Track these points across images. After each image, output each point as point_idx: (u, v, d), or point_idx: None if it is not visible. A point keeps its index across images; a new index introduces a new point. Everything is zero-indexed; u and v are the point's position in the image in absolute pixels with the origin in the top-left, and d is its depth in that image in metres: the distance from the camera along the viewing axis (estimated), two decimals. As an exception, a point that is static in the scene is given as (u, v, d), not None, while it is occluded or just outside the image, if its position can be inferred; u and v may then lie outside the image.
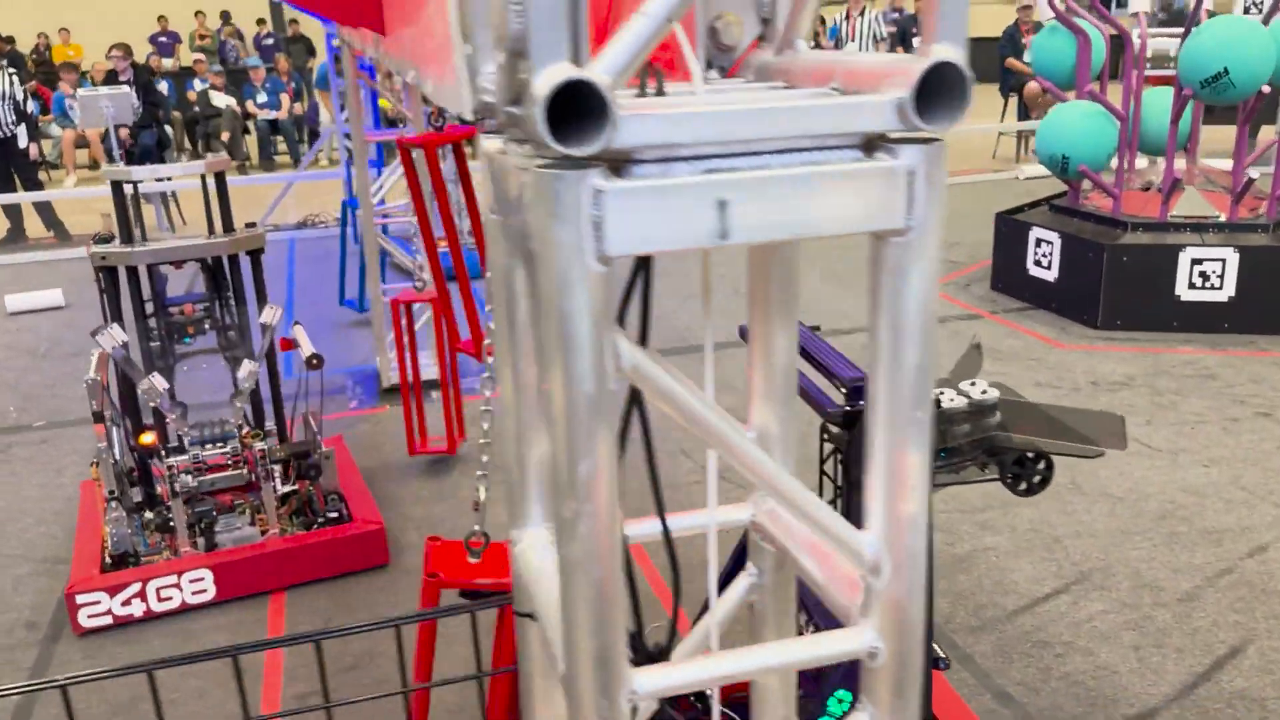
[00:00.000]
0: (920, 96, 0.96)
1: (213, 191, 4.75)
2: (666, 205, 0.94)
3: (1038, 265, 7.58)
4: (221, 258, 4.87)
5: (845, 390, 2.53)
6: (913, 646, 1.15)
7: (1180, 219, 7.02)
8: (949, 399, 2.80)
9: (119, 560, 4.34)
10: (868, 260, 1.06)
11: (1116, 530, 4.47)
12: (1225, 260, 6.75)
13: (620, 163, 0.94)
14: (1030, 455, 2.86)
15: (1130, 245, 6.94)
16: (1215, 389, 6.02)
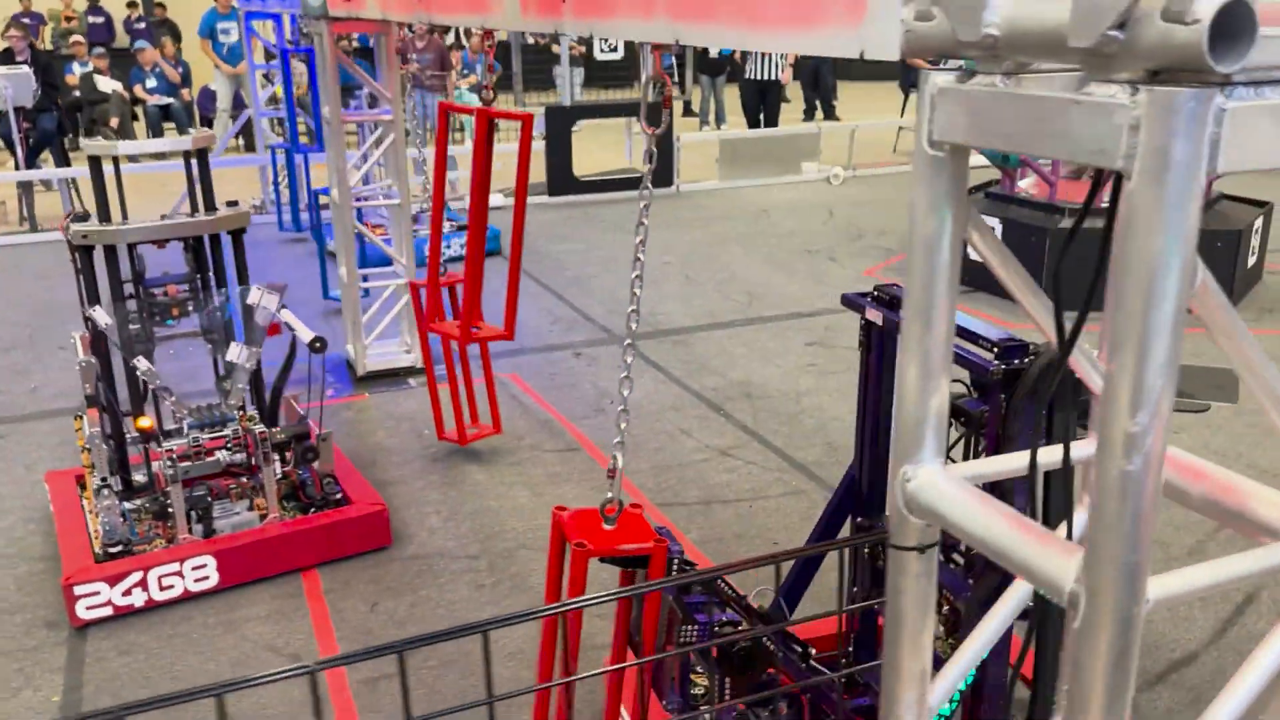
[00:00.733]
0: None
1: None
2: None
3: (977, 251, 7.91)
4: (204, 237, 4.71)
5: (996, 350, 2.67)
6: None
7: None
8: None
9: (113, 550, 4.12)
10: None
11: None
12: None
13: (1226, 83, 0.98)
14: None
15: (1067, 230, 7.31)
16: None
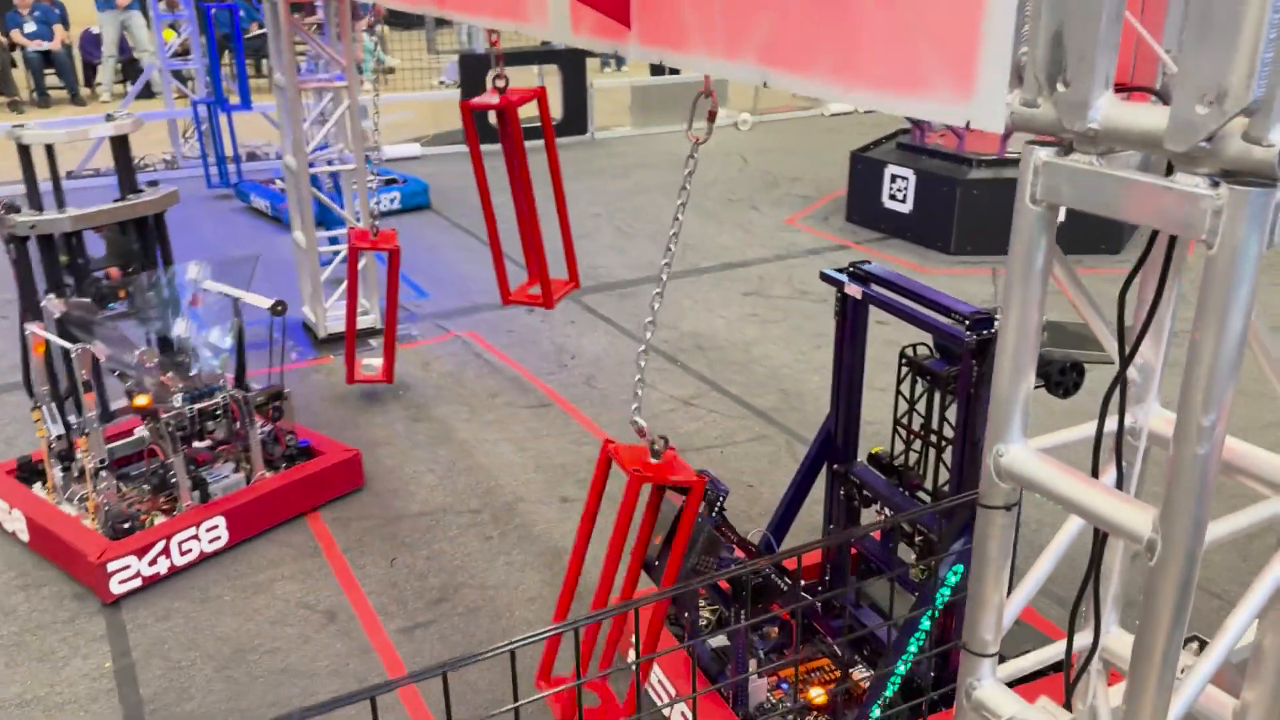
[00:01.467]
0: None
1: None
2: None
3: (893, 199, 8.43)
4: (146, 219, 4.86)
5: (967, 323, 3.06)
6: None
7: (1015, 154, 7.98)
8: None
9: (124, 527, 4.30)
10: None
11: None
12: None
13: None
14: (1069, 365, 3.49)
15: (977, 180, 7.87)
16: (1065, 300, 7.03)
